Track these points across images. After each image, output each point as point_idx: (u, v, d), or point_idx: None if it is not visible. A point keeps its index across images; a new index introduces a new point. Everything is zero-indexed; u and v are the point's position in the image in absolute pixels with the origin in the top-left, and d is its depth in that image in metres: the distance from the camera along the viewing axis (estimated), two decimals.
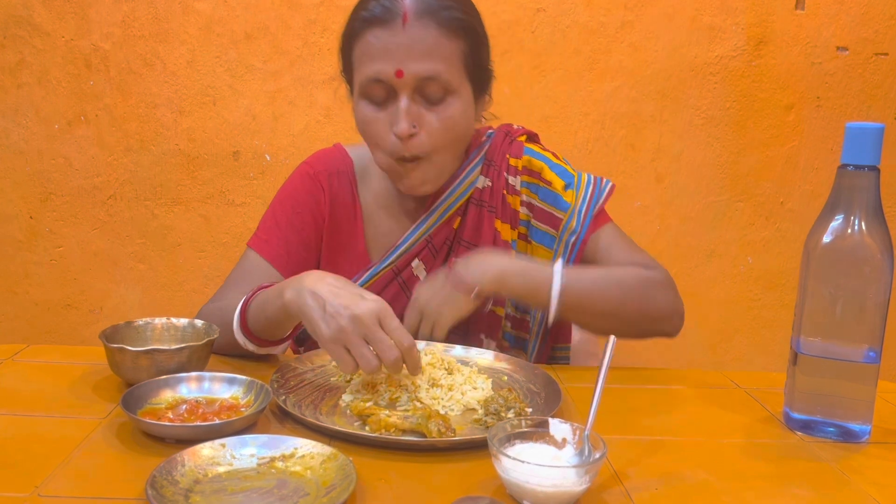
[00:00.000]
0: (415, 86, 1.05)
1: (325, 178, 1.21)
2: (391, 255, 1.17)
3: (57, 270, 2.00)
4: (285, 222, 1.19)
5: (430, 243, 1.17)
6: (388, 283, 1.17)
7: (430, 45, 1.04)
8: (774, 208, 2.09)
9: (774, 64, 2.02)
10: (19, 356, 1.06)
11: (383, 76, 1.04)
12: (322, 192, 1.20)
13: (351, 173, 1.22)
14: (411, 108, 1.05)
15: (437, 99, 1.07)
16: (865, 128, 0.87)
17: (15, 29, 1.89)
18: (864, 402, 0.90)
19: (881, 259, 0.87)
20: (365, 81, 1.07)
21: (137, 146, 1.95)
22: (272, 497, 0.69)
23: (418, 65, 1.03)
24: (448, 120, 1.08)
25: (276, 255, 1.16)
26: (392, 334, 0.87)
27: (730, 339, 2.15)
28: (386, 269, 1.17)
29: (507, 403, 0.89)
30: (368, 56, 1.05)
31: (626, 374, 1.12)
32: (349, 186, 1.21)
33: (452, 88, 1.07)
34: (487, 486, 0.75)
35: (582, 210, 1.16)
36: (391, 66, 1.04)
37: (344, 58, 1.13)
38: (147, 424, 0.81)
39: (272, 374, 0.96)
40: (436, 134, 1.07)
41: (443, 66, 1.05)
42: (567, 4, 1.95)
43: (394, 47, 1.03)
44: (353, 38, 1.08)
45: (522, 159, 1.19)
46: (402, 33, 1.03)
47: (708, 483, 0.78)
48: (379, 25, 1.04)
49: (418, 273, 1.18)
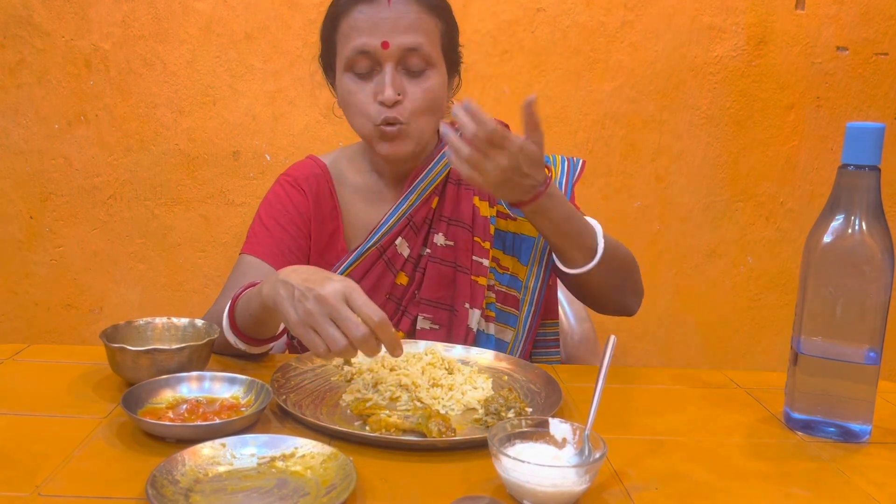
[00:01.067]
0: (399, 57, 1.14)
1: (304, 182, 1.27)
2: (374, 234, 1.22)
3: (57, 270, 2.00)
4: (273, 224, 1.24)
5: (412, 222, 1.23)
6: (374, 263, 1.23)
7: (412, 20, 1.14)
8: (774, 208, 2.09)
9: (774, 64, 2.02)
10: (20, 356, 1.07)
11: (369, 47, 1.13)
12: (303, 195, 1.26)
13: (326, 175, 1.29)
14: (395, 77, 1.14)
15: (418, 70, 1.16)
16: (866, 128, 0.87)
17: (15, 29, 1.89)
18: (865, 402, 0.90)
19: (882, 259, 0.87)
20: (351, 54, 1.15)
21: (137, 146, 1.95)
22: (272, 497, 0.69)
23: (403, 37, 1.13)
24: (428, 91, 1.16)
25: (269, 252, 1.20)
26: (360, 311, 0.85)
27: (730, 339, 2.15)
28: (371, 249, 1.22)
29: (508, 403, 0.89)
30: (356, 30, 1.14)
31: (626, 374, 1.12)
32: (326, 186, 1.28)
33: (432, 62, 1.16)
34: (487, 485, 0.75)
35: (563, 181, 1.25)
36: (377, 38, 1.13)
37: (326, 38, 1.21)
38: (147, 424, 0.81)
39: (273, 374, 0.96)
40: (417, 102, 1.16)
41: (424, 40, 1.15)
42: (567, 4, 1.95)
43: (380, 21, 1.13)
44: (338, 16, 1.17)
45: None
46: (388, 9, 1.13)
47: (708, 483, 0.78)
48: (366, 3, 1.14)
49: (402, 251, 1.23)
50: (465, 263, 1.23)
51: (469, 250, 1.23)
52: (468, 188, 1.24)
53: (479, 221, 1.24)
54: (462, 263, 1.23)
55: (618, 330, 2.05)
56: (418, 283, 1.23)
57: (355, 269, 1.21)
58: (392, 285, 1.23)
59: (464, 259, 1.23)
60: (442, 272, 1.23)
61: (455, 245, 1.23)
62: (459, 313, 1.21)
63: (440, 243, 1.23)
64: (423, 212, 1.23)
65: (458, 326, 1.21)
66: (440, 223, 1.24)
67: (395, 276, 1.23)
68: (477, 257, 1.23)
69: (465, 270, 1.23)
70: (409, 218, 1.23)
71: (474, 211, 1.24)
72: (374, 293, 1.22)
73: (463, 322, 1.20)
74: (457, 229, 1.24)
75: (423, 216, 1.24)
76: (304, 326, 0.87)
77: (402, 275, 1.23)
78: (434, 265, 1.23)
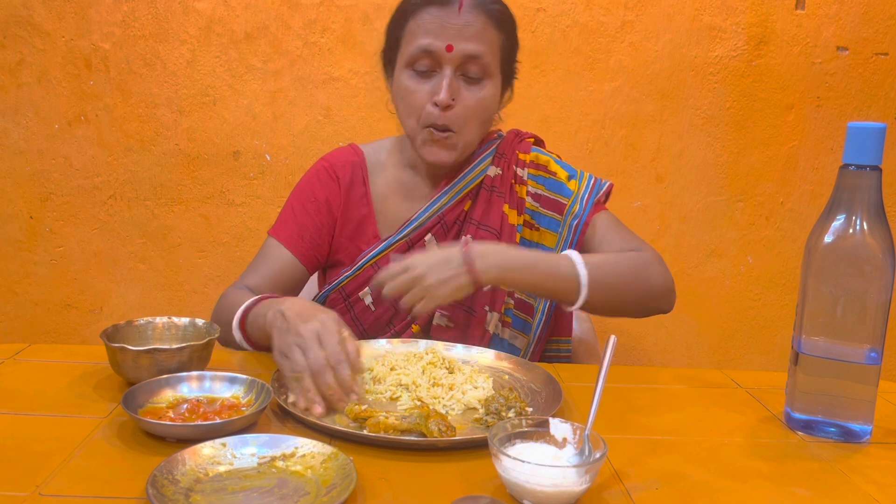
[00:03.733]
0: (460, 62, 1.17)
1: (339, 169, 1.31)
2: (406, 228, 1.26)
3: (57, 270, 2.00)
4: (300, 210, 1.30)
5: (443, 220, 1.26)
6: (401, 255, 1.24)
7: (479, 29, 1.17)
8: (774, 208, 2.09)
9: (774, 64, 2.02)
10: (20, 356, 1.07)
11: (434, 48, 1.16)
12: (336, 182, 1.30)
13: (363, 164, 1.32)
14: (453, 81, 1.18)
15: (475, 79, 1.19)
16: (867, 128, 0.87)
17: (15, 29, 1.89)
18: (866, 402, 0.90)
19: (883, 259, 0.87)
20: (415, 52, 1.18)
21: (137, 146, 1.95)
22: (272, 496, 0.69)
23: (467, 44, 1.16)
24: (482, 100, 1.20)
25: (290, 237, 1.28)
26: (326, 349, 0.92)
27: (730, 339, 2.15)
28: (400, 242, 1.26)
29: (508, 403, 0.89)
30: (423, 30, 1.17)
31: (627, 374, 1.12)
32: (360, 174, 1.31)
33: (489, 73, 1.20)
34: (487, 485, 0.75)
35: (584, 197, 1.28)
36: (443, 41, 1.16)
37: (391, 35, 1.24)
38: (148, 424, 0.81)
39: (273, 374, 0.96)
40: (469, 110, 1.19)
41: (486, 50, 1.18)
42: (567, 4, 1.95)
43: (448, 25, 1.16)
44: (408, 14, 1.20)
45: (530, 155, 1.32)
46: (457, 16, 1.16)
47: (708, 482, 0.78)
48: (437, 6, 1.17)
49: (430, 247, 1.25)
50: None
51: None
52: (500, 195, 1.28)
53: (507, 229, 1.27)
54: None
55: (618, 330, 2.05)
56: None
57: (384, 257, 1.25)
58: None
59: None
60: None
61: None
62: (478, 315, 1.23)
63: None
64: (455, 212, 1.27)
65: (475, 328, 1.23)
66: (469, 226, 1.27)
67: None
68: None
69: None
70: (441, 216, 1.26)
71: (503, 218, 1.27)
72: None
73: (480, 324, 1.23)
74: (485, 234, 1.26)
75: (455, 217, 1.27)
76: (280, 356, 0.96)
77: None
78: None
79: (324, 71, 1.94)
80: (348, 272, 1.26)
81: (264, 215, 1.98)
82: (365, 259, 1.25)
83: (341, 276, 1.26)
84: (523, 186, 1.29)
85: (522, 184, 1.29)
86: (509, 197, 1.28)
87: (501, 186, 1.28)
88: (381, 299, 1.24)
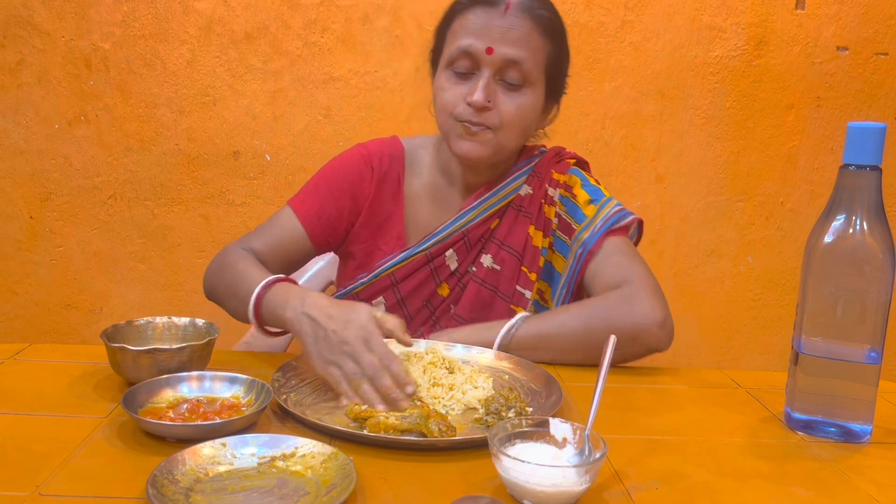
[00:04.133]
0: (499, 66, 1.14)
1: (376, 160, 1.27)
2: (428, 240, 1.23)
3: (57, 270, 2.00)
4: (325, 188, 1.26)
5: (467, 237, 1.23)
6: (419, 267, 1.23)
7: (523, 34, 1.14)
8: (774, 208, 2.09)
9: (774, 64, 2.02)
10: (21, 356, 1.06)
11: (474, 49, 1.14)
12: (370, 171, 1.26)
13: (401, 159, 1.29)
14: (490, 84, 1.14)
15: (514, 85, 1.16)
16: (867, 128, 0.87)
17: (15, 29, 1.89)
18: (866, 402, 0.90)
19: (883, 259, 0.86)
20: (455, 52, 1.15)
21: (137, 146, 1.95)
22: (272, 496, 0.69)
23: (508, 48, 1.13)
24: (519, 107, 1.16)
25: (308, 214, 1.24)
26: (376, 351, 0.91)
27: (730, 339, 2.15)
28: (420, 254, 1.23)
29: (508, 403, 0.89)
30: (466, 30, 1.15)
31: (627, 374, 1.12)
32: (397, 171, 1.28)
33: (530, 80, 1.16)
34: (487, 485, 0.75)
35: (598, 225, 1.21)
36: (484, 42, 1.13)
37: (438, 34, 1.22)
38: (148, 424, 0.81)
39: (273, 374, 0.96)
40: (505, 115, 1.16)
41: (527, 55, 1.14)
42: (567, 4, 1.95)
43: (492, 27, 1.13)
44: (454, 14, 1.18)
45: (565, 175, 1.27)
46: (502, 18, 1.13)
47: (708, 483, 0.78)
48: (483, 6, 1.14)
49: (450, 263, 1.23)
50: (507, 291, 1.22)
51: (514, 279, 1.22)
52: (527, 215, 1.24)
53: (530, 251, 1.23)
54: (503, 290, 1.23)
55: None
56: (456, 297, 1.24)
57: (402, 267, 1.23)
58: (433, 293, 1.24)
59: (506, 286, 1.22)
60: (481, 294, 1.22)
61: (501, 270, 1.23)
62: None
63: (487, 265, 1.23)
64: (480, 230, 1.23)
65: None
66: (492, 244, 1.24)
67: (437, 285, 1.24)
68: (521, 287, 1.22)
69: (506, 298, 1.22)
70: (466, 232, 1.23)
71: (527, 240, 1.23)
72: (413, 297, 1.24)
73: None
74: (506, 255, 1.23)
75: (480, 234, 1.23)
76: (327, 364, 0.93)
77: (444, 286, 1.24)
78: (475, 285, 1.23)
79: (324, 71, 1.94)
80: (365, 278, 1.24)
81: (264, 215, 1.97)
82: (383, 267, 1.23)
83: (357, 281, 1.24)
84: (552, 207, 1.24)
85: (552, 204, 1.24)
86: (536, 217, 1.24)
87: (530, 206, 1.24)
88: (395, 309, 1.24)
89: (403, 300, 1.25)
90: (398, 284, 1.24)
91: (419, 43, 1.93)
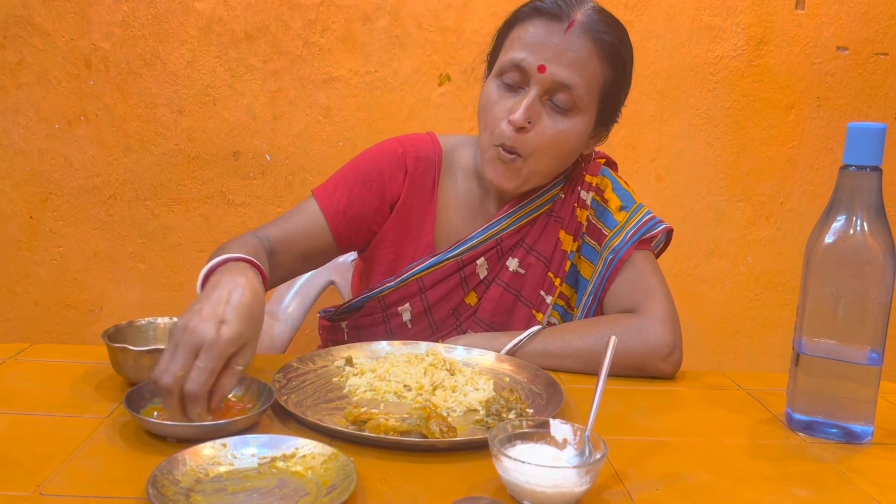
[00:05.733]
0: (549, 86, 1.08)
1: (411, 161, 1.21)
2: (460, 246, 1.19)
3: (57, 270, 2.00)
4: (353, 183, 1.20)
5: (500, 245, 1.20)
6: (449, 275, 1.20)
7: (580, 57, 1.07)
8: (774, 208, 2.09)
9: (774, 64, 2.02)
10: (22, 356, 1.06)
11: (525, 64, 1.08)
12: (403, 173, 1.21)
13: (438, 162, 1.23)
14: (535, 104, 1.08)
15: (561, 109, 1.10)
16: (867, 128, 0.87)
17: (15, 29, 1.89)
18: (867, 402, 0.90)
19: (883, 260, 0.87)
20: (507, 63, 1.10)
21: (137, 146, 1.95)
22: (273, 497, 0.69)
23: (562, 69, 1.07)
24: (561, 133, 1.10)
25: (332, 208, 1.18)
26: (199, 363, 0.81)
27: (730, 339, 2.15)
28: (451, 260, 1.19)
29: (509, 404, 0.89)
30: (522, 42, 1.09)
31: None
32: (432, 175, 1.22)
33: (580, 106, 1.10)
34: (488, 486, 0.75)
35: (629, 233, 1.18)
36: (538, 59, 1.07)
37: (497, 38, 1.17)
38: (149, 423, 0.81)
39: (274, 374, 0.96)
40: (544, 139, 1.10)
41: (581, 81, 1.08)
42: None
43: (549, 44, 1.07)
44: (515, 21, 1.12)
45: (597, 177, 1.23)
46: (562, 36, 1.07)
47: (709, 483, 0.78)
48: (546, 18, 1.08)
49: (480, 272, 1.20)
50: (530, 296, 1.21)
51: (539, 284, 1.20)
52: (558, 219, 1.21)
53: (558, 255, 1.20)
54: (526, 295, 1.21)
55: None
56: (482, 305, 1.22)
57: (430, 273, 1.19)
58: (460, 302, 1.21)
59: (529, 291, 1.21)
60: (503, 298, 1.20)
61: (525, 275, 1.20)
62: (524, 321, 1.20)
63: (512, 268, 1.20)
64: (514, 239, 1.20)
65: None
66: (520, 249, 1.20)
67: (465, 294, 1.21)
68: (544, 292, 1.20)
69: (527, 303, 1.21)
70: (499, 241, 1.19)
71: (556, 244, 1.20)
72: (441, 305, 1.21)
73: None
74: (532, 259, 1.20)
75: (513, 243, 1.20)
76: (173, 338, 0.83)
77: (472, 294, 1.21)
78: (498, 288, 1.20)
79: (324, 71, 1.94)
80: (391, 282, 1.20)
81: (264, 215, 1.98)
82: (412, 272, 1.19)
83: (384, 285, 1.20)
84: (584, 211, 1.21)
85: (584, 208, 1.21)
86: (567, 221, 1.21)
87: (561, 210, 1.21)
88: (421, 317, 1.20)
89: (430, 308, 1.21)
90: (426, 291, 1.20)
91: (419, 43, 1.93)
